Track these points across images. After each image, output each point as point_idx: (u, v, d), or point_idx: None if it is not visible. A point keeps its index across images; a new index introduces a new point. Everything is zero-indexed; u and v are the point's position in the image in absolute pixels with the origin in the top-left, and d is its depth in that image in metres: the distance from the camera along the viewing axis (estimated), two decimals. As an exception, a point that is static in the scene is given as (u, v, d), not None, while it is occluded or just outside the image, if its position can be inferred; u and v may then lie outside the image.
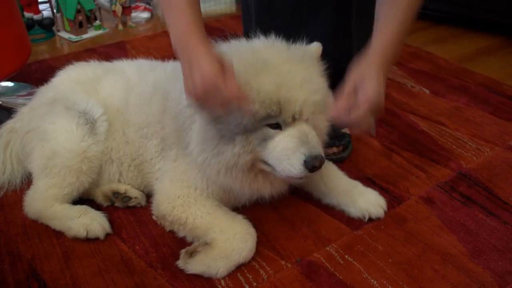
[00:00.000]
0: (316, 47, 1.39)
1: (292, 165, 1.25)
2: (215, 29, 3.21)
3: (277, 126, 1.27)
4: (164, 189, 1.51)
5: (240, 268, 1.39)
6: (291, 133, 1.26)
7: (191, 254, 1.38)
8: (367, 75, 1.24)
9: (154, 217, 1.55)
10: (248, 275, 1.38)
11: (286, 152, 1.25)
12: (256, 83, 1.23)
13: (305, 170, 1.24)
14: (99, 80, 1.68)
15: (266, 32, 1.39)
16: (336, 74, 1.38)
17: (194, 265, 1.36)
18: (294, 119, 1.26)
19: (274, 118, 1.25)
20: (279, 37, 1.37)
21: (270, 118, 1.25)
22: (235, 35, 1.42)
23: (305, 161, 1.24)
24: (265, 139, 1.27)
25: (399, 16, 1.29)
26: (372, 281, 1.36)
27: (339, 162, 1.81)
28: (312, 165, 1.23)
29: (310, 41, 1.41)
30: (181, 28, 1.20)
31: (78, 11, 3.10)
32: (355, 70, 1.27)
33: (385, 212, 1.58)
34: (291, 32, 1.41)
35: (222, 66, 1.15)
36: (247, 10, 1.82)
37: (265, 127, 1.27)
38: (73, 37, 3.13)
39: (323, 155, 1.27)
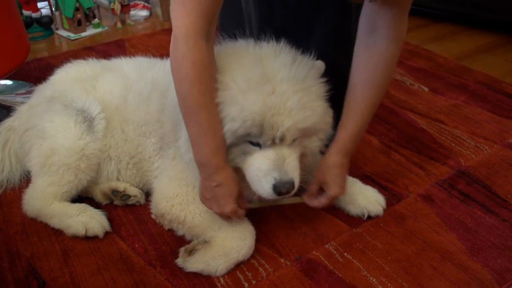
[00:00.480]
0: (320, 65, 1.35)
1: (262, 187, 1.26)
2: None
3: (258, 144, 1.26)
4: (162, 187, 1.51)
5: (239, 266, 1.39)
6: (267, 154, 1.25)
7: (190, 252, 1.39)
8: (330, 180, 1.40)
9: (152, 216, 1.55)
10: (247, 273, 1.38)
11: (259, 173, 1.26)
12: (243, 99, 1.20)
13: (274, 194, 1.25)
14: (97, 78, 1.68)
15: (266, 31, 1.37)
16: (337, 79, 1.36)
17: (193, 263, 1.36)
18: (274, 142, 1.24)
19: (254, 137, 1.24)
20: (281, 38, 1.34)
21: (250, 137, 1.24)
22: (243, 35, 1.40)
23: (274, 186, 1.24)
24: (245, 153, 1.28)
25: (358, 117, 1.38)
26: (371, 278, 1.36)
27: (338, 160, 1.81)
28: (280, 190, 1.24)
29: (312, 42, 1.40)
30: (206, 151, 1.24)
31: (77, 9, 3.09)
32: (319, 173, 1.42)
33: (384, 210, 1.58)
34: (293, 32, 1.40)
35: (239, 194, 1.32)
36: (235, 6, 1.80)
37: (246, 142, 1.26)
38: (72, 35, 3.13)
39: (295, 181, 1.26)
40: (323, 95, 1.32)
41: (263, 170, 1.25)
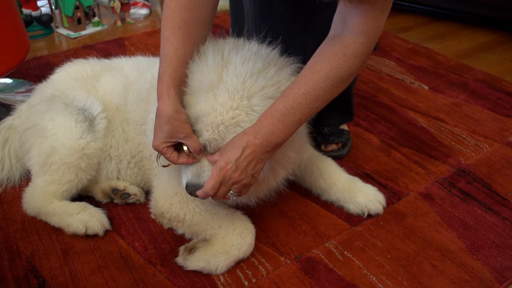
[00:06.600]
0: None
1: (183, 181, 1.30)
2: (213, 26, 3.20)
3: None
4: (162, 185, 1.51)
5: (239, 264, 1.39)
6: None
7: (191, 251, 1.39)
8: (223, 149, 1.20)
9: (152, 216, 1.55)
10: (247, 271, 1.38)
11: (184, 168, 1.29)
12: (193, 99, 1.22)
13: (187, 192, 1.28)
14: (98, 77, 1.68)
15: (262, 32, 1.36)
16: None
17: (193, 262, 1.36)
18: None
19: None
20: (277, 39, 1.32)
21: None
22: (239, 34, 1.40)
23: (186, 184, 1.27)
24: None
25: (291, 94, 1.18)
26: (371, 277, 1.36)
27: (339, 158, 1.81)
28: (189, 190, 1.26)
29: (308, 44, 1.38)
30: (159, 70, 1.25)
31: (77, 8, 3.09)
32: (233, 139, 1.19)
33: (384, 208, 1.58)
34: (290, 35, 1.39)
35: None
36: (238, 7, 1.80)
37: None
38: (72, 34, 3.12)
39: (201, 187, 1.23)
40: None
41: (184, 167, 1.29)
